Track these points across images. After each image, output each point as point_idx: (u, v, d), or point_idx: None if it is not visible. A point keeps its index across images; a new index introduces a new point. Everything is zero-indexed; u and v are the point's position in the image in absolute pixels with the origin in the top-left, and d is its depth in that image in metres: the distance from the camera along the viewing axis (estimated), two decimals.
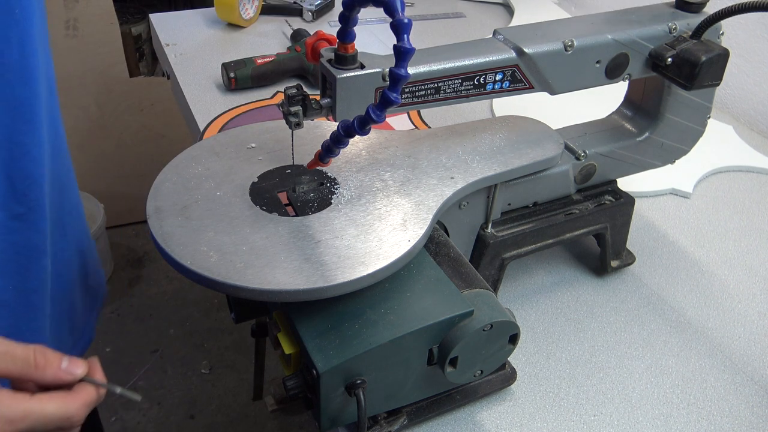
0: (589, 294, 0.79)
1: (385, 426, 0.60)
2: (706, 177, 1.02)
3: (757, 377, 0.70)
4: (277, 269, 0.53)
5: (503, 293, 0.78)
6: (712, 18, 0.64)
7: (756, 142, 1.11)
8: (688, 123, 0.78)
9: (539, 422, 0.64)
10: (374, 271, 0.53)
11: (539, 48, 0.62)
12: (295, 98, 0.54)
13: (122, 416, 1.58)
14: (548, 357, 0.71)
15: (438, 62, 0.58)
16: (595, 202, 0.77)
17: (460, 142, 0.71)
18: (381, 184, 0.63)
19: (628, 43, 0.66)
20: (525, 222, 0.72)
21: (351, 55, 0.54)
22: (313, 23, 1.38)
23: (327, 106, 0.56)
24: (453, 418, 0.64)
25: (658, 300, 0.79)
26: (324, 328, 0.53)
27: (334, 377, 0.52)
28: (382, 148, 0.69)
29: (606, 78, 0.68)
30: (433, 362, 0.57)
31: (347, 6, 0.49)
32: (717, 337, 0.75)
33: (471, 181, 0.65)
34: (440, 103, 0.61)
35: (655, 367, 0.70)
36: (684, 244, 0.88)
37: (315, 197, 0.62)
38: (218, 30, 1.32)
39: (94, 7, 1.77)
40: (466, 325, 0.55)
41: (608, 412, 0.65)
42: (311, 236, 0.56)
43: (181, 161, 0.66)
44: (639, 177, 0.82)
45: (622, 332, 0.74)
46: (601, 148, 0.75)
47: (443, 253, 0.62)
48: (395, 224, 0.58)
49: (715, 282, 0.82)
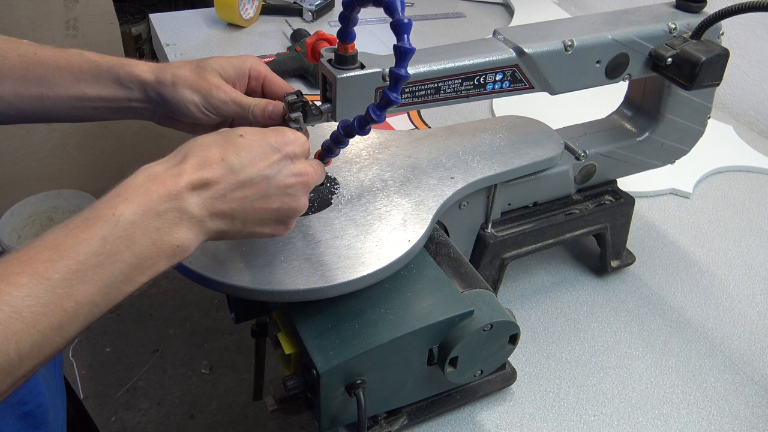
0: (589, 294, 0.79)
1: (385, 426, 0.60)
2: (706, 177, 1.02)
3: (757, 377, 0.70)
4: (277, 269, 0.53)
5: (503, 293, 0.78)
6: (712, 18, 0.64)
7: (756, 142, 1.11)
8: (688, 123, 0.77)
9: (539, 422, 0.64)
10: (374, 271, 0.53)
11: (539, 48, 0.62)
12: (296, 105, 0.55)
13: (122, 416, 1.58)
14: (548, 357, 0.71)
15: (438, 62, 0.58)
16: (595, 202, 0.77)
17: (460, 142, 0.71)
18: (381, 184, 0.63)
19: (628, 43, 0.66)
20: (525, 222, 0.72)
21: (351, 55, 0.54)
22: (313, 23, 1.38)
23: (327, 111, 0.56)
24: (453, 418, 0.64)
25: (658, 300, 0.79)
26: (324, 328, 0.53)
27: (334, 377, 0.52)
28: (382, 148, 0.69)
29: (606, 78, 0.68)
30: (433, 362, 0.57)
31: (347, 6, 0.49)
32: (717, 337, 0.75)
33: (471, 181, 0.65)
34: (440, 103, 0.61)
35: (655, 367, 0.70)
36: (684, 244, 0.88)
37: (315, 197, 0.62)
38: (218, 30, 1.32)
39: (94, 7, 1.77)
40: (466, 325, 0.55)
41: (608, 412, 0.65)
42: (311, 236, 0.56)
43: None
44: (639, 177, 0.82)
45: (622, 332, 0.74)
46: (601, 148, 0.75)
47: (443, 253, 0.62)
48: (395, 224, 0.58)
49: (715, 282, 0.82)
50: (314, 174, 0.51)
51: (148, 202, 0.42)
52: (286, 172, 0.48)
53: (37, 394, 0.65)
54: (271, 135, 0.48)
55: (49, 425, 0.66)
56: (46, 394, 0.66)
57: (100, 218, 0.41)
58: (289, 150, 0.48)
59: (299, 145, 0.49)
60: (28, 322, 0.37)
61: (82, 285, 0.40)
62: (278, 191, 0.48)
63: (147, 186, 0.43)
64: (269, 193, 0.47)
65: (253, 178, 0.46)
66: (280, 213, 0.49)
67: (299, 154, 0.49)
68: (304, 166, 0.49)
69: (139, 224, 0.42)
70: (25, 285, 0.38)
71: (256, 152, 0.47)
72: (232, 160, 0.46)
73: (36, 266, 0.38)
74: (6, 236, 1.70)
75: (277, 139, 0.48)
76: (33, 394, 0.64)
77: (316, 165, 0.52)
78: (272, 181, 0.47)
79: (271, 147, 0.48)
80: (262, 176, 0.47)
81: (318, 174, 0.52)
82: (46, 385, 0.67)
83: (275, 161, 0.47)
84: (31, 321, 0.37)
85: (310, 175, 0.50)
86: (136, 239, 0.42)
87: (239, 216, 0.47)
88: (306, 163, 0.50)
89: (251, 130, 0.49)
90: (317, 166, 0.52)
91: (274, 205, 0.48)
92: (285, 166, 0.48)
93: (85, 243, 0.40)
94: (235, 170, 0.46)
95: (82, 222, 0.41)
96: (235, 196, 0.46)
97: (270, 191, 0.47)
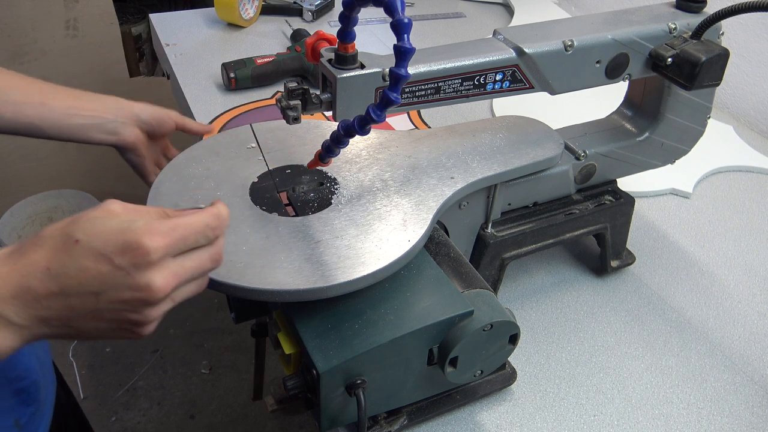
0: (589, 294, 0.79)
1: (385, 426, 0.60)
2: (706, 177, 1.02)
3: (757, 377, 0.70)
4: (277, 269, 0.53)
5: (503, 293, 0.78)
6: (712, 18, 0.64)
7: (756, 142, 1.11)
8: (688, 123, 0.78)
9: (539, 422, 0.64)
10: (374, 271, 0.53)
11: (539, 48, 0.62)
12: (296, 92, 0.54)
13: (122, 416, 1.58)
14: (548, 357, 0.71)
15: (438, 62, 0.58)
16: (595, 202, 0.77)
17: (460, 142, 0.71)
18: (381, 184, 0.63)
19: (628, 43, 0.66)
20: (525, 222, 0.72)
21: (351, 55, 0.54)
22: (313, 23, 1.38)
23: (327, 101, 0.56)
24: (453, 418, 0.64)
25: (658, 300, 0.79)
26: (324, 328, 0.53)
27: (334, 377, 0.52)
28: (382, 148, 0.69)
29: (606, 78, 0.68)
30: (433, 362, 0.57)
31: (347, 6, 0.49)
32: (717, 337, 0.75)
33: (471, 181, 0.65)
34: (440, 103, 0.61)
35: (655, 367, 0.70)
36: (684, 244, 0.88)
37: (315, 197, 0.62)
38: (218, 30, 1.32)
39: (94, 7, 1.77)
40: (466, 325, 0.55)
41: (608, 412, 0.65)
42: (311, 236, 0.56)
43: (181, 161, 0.66)
44: (639, 177, 0.82)
45: (622, 332, 0.74)
46: (601, 148, 0.75)
47: (443, 253, 0.62)
48: (395, 224, 0.58)
49: (715, 282, 0.82)
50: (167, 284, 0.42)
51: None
52: (121, 287, 0.42)
53: (31, 371, 0.66)
54: (112, 238, 0.41)
55: (40, 403, 0.67)
56: (39, 373, 0.67)
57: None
58: (125, 261, 0.41)
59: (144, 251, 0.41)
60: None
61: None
62: (110, 305, 0.42)
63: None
64: (99, 308, 0.42)
65: (78, 293, 0.41)
66: (121, 324, 0.44)
67: (143, 263, 0.41)
68: (147, 278, 0.41)
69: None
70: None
71: (84, 263, 0.41)
72: (56, 270, 0.41)
73: None
74: (6, 236, 1.70)
75: (116, 244, 0.41)
76: (28, 371, 0.65)
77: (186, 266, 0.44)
78: (102, 297, 0.42)
79: (103, 256, 0.41)
80: (88, 291, 0.41)
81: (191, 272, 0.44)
82: (39, 365, 0.68)
83: (105, 275, 0.41)
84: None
85: (156, 288, 0.42)
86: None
87: (72, 324, 0.43)
88: (155, 272, 0.42)
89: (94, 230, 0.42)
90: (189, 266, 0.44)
91: (106, 319, 0.43)
92: (118, 281, 0.41)
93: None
94: (59, 281, 0.41)
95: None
96: (58, 307, 0.42)
97: (100, 306, 0.42)
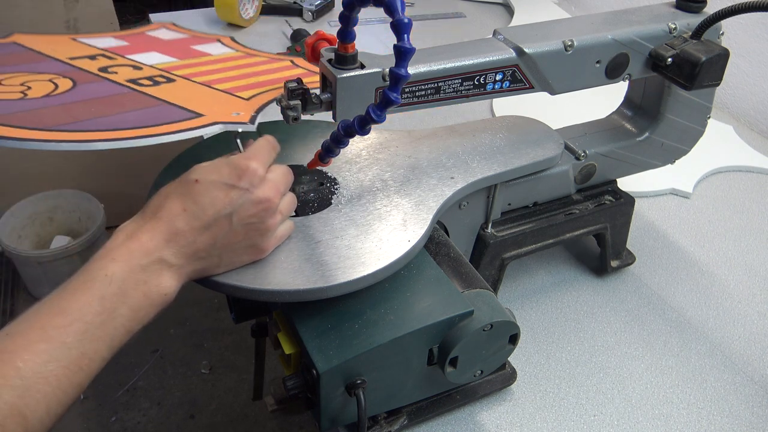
0: (589, 294, 0.79)
1: (385, 426, 0.60)
2: (706, 177, 1.02)
3: (757, 377, 0.70)
4: (277, 269, 0.53)
5: (503, 293, 0.78)
6: (712, 18, 0.64)
7: (756, 142, 1.11)
8: (688, 123, 0.77)
9: (539, 422, 0.64)
10: (374, 271, 0.53)
11: (539, 48, 0.62)
12: (296, 92, 0.54)
13: (122, 416, 1.58)
14: (548, 357, 0.71)
15: (438, 62, 0.58)
16: (595, 202, 0.77)
17: (460, 142, 0.71)
18: (381, 184, 0.63)
19: (628, 43, 0.66)
20: (525, 222, 0.72)
21: (351, 55, 0.54)
22: (313, 23, 1.38)
23: (327, 100, 0.56)
24: (453, 418, 0.64)
25: (658, 300, 0.79)
26: (324, 328, 0.53)
27: (334, 377, 0.52)
28: (382, 148, 0.69)
29: (606, 78, 0.68)
30: (433, 362, 0.57)
31: (347, 6, 0.49)
32: (717, 337, 0.75)
33: (471, 181, 0.65)
34: (440, 103, 0.61)
35: (655, 367, 0.70)
36: (684, 244, 0.88)
37: (315, 197, 0.62)
38: (218, 30, 1.32)
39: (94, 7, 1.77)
40: (466, 325, 0.55)
41: (608, 412, 0.65)
42: (311, 236, 0.56)
43: (181, 161, 0.66)
44: (639, 177, 0.82)
45: (622, 332, 0.74)
46: (601, 148, 0.75)
47: (443, 253, 0.62)
48: (395, 224, 0.58)
49: (715, 282, 0.82)
50: (277, 193, 0.52)
51: (131, 259, 0.47)
52: (247, 204, 0.50)
53: None
54: (224, 170, 0.50)
55: None
56: None
57: (95, 280, 0.46)
58: (245, 182, 0.50)
59: (254, 171, 0.50)
60: (54, 384, 0.42)
61: (92, 343, 0.45)
62: (242, 222, 0.50)
63: (127, 245, 0.48)
64: (234, 229, 0.50)
65: (216, 219, 0.49)
66: (250, 239, 0.51)
67: (257, 181, 0.51)
68: (264, 191, 0.51)
69: (128, 280, 0.47)
70: (45, 351, 0.42)
71: (212, 194, 0.49)
72: (191, 208, 0.49)
73: (50, 333, 0.43)
74: (6, 236, 1.70)
75: (230, 173, 0.50)
76: None
77: (278, 177, 0.53)
78: (234, 217, 0.50)
79: (225, 185, 0.49)
80: (223, 215, 0.49)
81: (283, 183, 0.53)
82: None
83: (234, 198, 0.49)
84: (56, 383, 0.43)
85: (272, 198, 0.51)
86: (128, 294, 0.47)
87: (214, 252, 0.50)
88: (266, 185, 0.51)
89: (205, 170, 0.50)
90: (280, 178, 0.53)
91: (240, 236, 0.51)
92: (244, 198, 0.50)
93: (88, 305, 0.45)
94: (197, 216, 0.49)
95: (80, 284, 0.46)
96: (204, 239, 0.49)
97: (234, 226, 0.50)
